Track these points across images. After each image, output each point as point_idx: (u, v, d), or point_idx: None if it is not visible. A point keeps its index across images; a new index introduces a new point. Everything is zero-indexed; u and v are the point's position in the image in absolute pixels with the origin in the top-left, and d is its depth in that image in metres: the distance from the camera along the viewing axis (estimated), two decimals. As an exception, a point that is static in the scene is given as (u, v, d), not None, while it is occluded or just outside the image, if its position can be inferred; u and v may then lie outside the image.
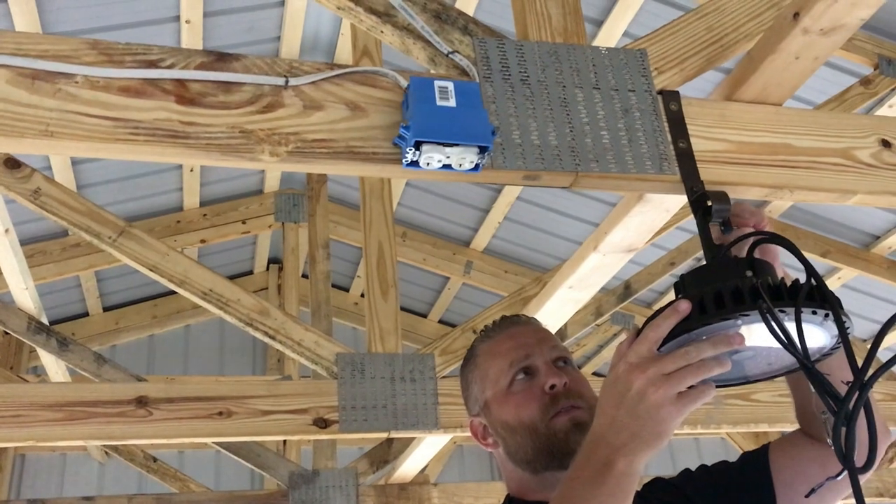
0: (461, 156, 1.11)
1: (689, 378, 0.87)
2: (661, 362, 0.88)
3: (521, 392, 1.13)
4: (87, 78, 1.05)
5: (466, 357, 1.24)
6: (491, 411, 1.16)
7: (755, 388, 2.62)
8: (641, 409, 0.87)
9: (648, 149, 1.22)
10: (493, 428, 1.16)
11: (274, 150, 1.08)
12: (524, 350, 1.16)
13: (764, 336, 0.90)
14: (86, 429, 2.12)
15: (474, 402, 1.20)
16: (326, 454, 3.38)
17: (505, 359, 1.16)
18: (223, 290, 2.32)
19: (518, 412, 1.11)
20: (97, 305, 4.70)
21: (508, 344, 1.17)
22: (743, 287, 0.90)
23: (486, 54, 1.23)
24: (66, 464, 4.64)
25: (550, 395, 1.11)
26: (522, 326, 1.22)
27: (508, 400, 1.13)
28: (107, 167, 3.75)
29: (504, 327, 1.22)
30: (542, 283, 2.66)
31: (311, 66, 1.16)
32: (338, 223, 4.44)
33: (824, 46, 1.25)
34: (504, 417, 1.13)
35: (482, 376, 1.18)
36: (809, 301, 0.90)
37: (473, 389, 1.20)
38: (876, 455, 0.89)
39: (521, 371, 1.14)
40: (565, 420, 1.10)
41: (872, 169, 1.33)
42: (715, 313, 0.90)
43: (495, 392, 1.15)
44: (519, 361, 1.15)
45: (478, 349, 1.22)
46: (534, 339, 1.18)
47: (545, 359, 1.15)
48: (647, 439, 0.87)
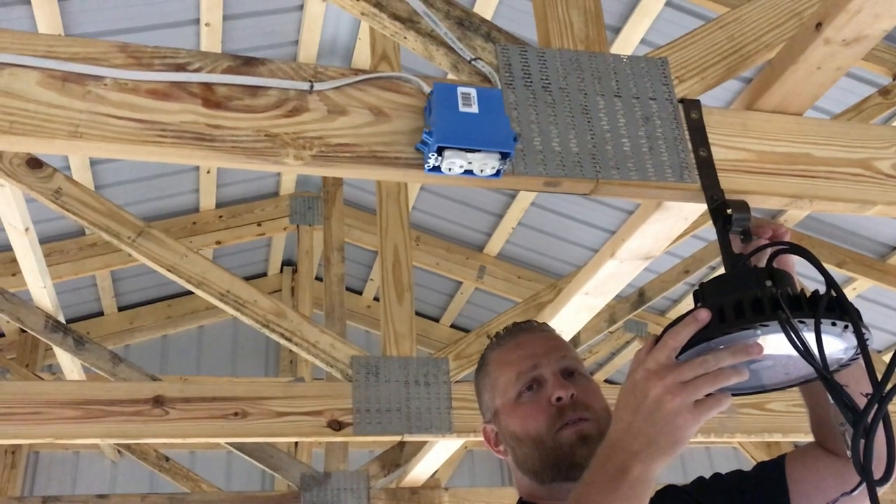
0: (483, 162, 1.12)
1: (707, 386, 0.87)
2: (680, 370, 0.88)
3: (529, 403, 1.13)
4: (115, 80, 1.07)
5: (479, 364, 1.24)
6: (500, 420, 1.16)
7: (769, 398, 2.62)
8: (658, 416, 0.87)
9: (669, 157, 1.23)
10: (503, 437, 1.16)
11: (298, 154, 1.09)
12: (532, 360, 1.15)
13: (782, 346, 0.90)
14: (103, 427, 2.13)
15: (486, 410, 1.20)
16: (338, 456, 3.39)
17: (513, 369, 1.15)
18: (240, 292, 2.33)
19: (525, 424, 1.11)
20: (112, 305, 4.73)
21: (517, 354, 1.17)
22: (763, 297, 0.90)
23: (509, 61, 1.24)
24: (79, 462, 4.67)
25: (557, 408, 1.11)
26: (532, 334, 1.21)
27: (516, 411, 1.13)
28: (124, 168, 3.78)
29: (514, 335, 1.22)
30: (557, 289, 2.66)
31: (335, 71, 1.17)
32: (352, 226, 4.46)
33: (846, 57, 1.26)
34: (512, 428, 1.13)
35: (492, 385, 1.18)
36: (829, 312, 0.90)
37: (485, 397, 1.20)
38: (894, 467, 0.88)
39: (529, 382, 1.14)
40: (571, 433, 1.09)
41: (893, 180, 1.33)
42: (734, 323, 0.90)
43: (504, 402, 1.15)
44: (527, 372, 1.14)
45: (488, 357, 1.22)
46: (543, 349, 1.17)
47: (553, 369, 1.14)
48: (664, 446, 0.88)
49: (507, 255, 4.66)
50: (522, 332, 1.22)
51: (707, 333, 0.92)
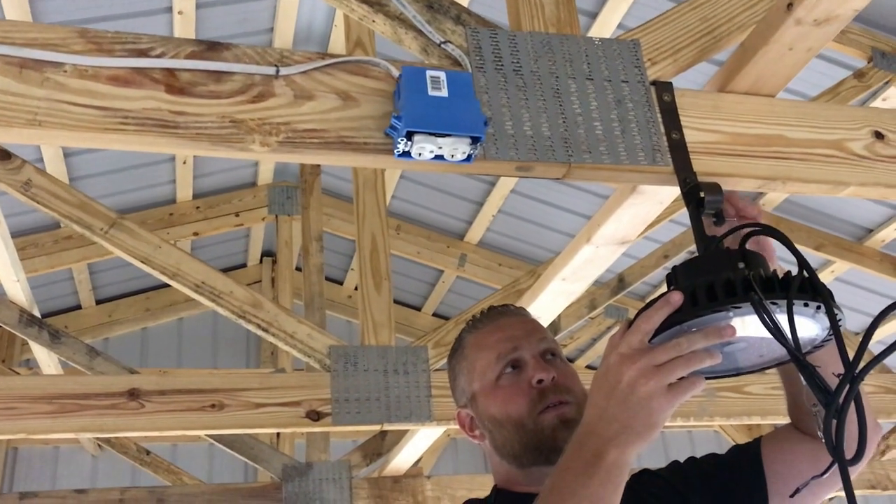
0: (453, 146, 1.11)
1: (680, 369, 0.87)
2: (653, 353, 0.88)
3: (509, 386, 1.11)
4: (75, 67, 1.04)
5: (454, 347, 1.22)
6: (478, 404, 1.14)
7: (748, 381, 2.63)
8: (632, 400, 0.87)
9: (641, 140, 1.22)
10: (480, 420, 1.15)
11: (264, 140, 1.07)
12: (512, 343, 1.14)
13: (756, 328, 0.90)
14: (78, 421, 2.11)
15: (461, 394, 1.19)
16: (320, 447, 3.37)
17: (492, 351, 1.14)
18: (215, 283, 2.31)
19: (505, 406, 1.10)
20: (90, 298, 4.68)
21: (496, 336, 1.16)
22: (735, 279, 0.89)
23: (479, 44, 1.22)
24: (58, 456, 4.63)
25: (538, 390, 1.10)
26: (511, 317, 1.20)
27: (496, 393, 1.12)
28: (99, 159, 3.73)
29: (492, 318, 1.20)
30: (536, 275, 2.66)
31: (302, 55, 1.15)
32: (331, 216, 4.43)
33: (818, 37, 1.25)
34: (491, 411, 1.12)
35: (469, 368, 1.16)
36: (801, 293, 0.89)
37: (461, 381, 1.18)
38: (865, 448, 0.88)
39: (509, 364, 1.13)
40: (553, 416, 1.09)
41: (865, 160, 1.33)
42: (706, 305, 0.89)
43: (482, 385, 1.14)
44: (506, 354, 1.13)
45: (465, 340, 1.20)
46: (522, 332, 1.16)
47: (533, 352, 1.13)
48: (638, 430, 0.87)
49: (488, 243, 4.65)
50: (501, 315, 1.21)
51: (680, 316, 0.91)
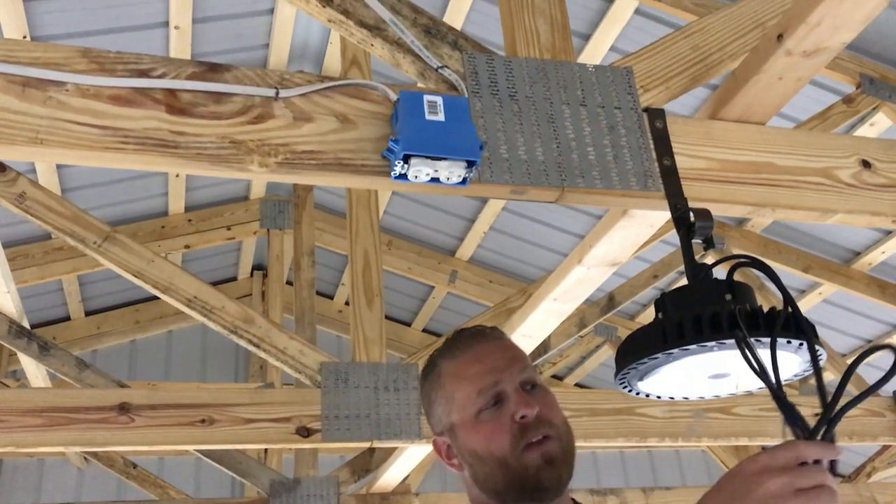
0: (449, 169, 1.12)
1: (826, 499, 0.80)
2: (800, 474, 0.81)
3: (490, 421, 1.07)
4: (77, 86, 1.06)
5: (427, 372, 1.17)
6: (458, 436, 1.10)
7: (736, 402, 2.65)
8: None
9: (633, 165, 1.24)
10: (459, 452, 1.11)
11: (263, 161, 1.09)
12: (493, 376, 1.09)
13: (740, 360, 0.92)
14: (67, 435, 2.10)
15: (438, 422, 1.14)
16: (308, 462, 3.37)
17: (472, 385, 1.10)
18: (208, 298, 2.31)
19: (487, 443, 1.06)
20: (79, 310, 4.66)
21: (476, 368, 1.11)
22: (721, 314, 0.91)
23: (475, 69, 1.25)
24: (44, 469, 4.60)
25: (520, 425, 1.06)
26: (489, 344, 1.15)
27: (477, 429, 1.08)
28: (92, 171, 3.72)
29: (469, 345, 1.15)
30: (527, 294, 2.67)
31: (301, 77, 1.17)
32: (323, 230, 4.44)
33: (807, 68, 1.28)
34: (472, 446, 1.08)
35: (447, 398, 1.12)
36: (785, 331, 0.91)
37: (437, 410, 1.14)
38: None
39: (491, 399, 1.08)
40: (537, 455, 1.05)
41: (852, 188, 1.35)
42: (693, 339, 0.91)
43: (462, 418, 1.10)
44: (488, 389, 1.08)
45: (442, 368, 1.15)
46: (502, 362, 1.11)
47: (514, 385, 1.09)
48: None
49: (479, 260, 4.67)
50: (478, 341, 1.15)
51: (666, 347, 0.93)
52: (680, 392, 1.04)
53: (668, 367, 0.97)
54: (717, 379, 1.00)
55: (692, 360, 0.95)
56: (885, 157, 1.40)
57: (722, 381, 1.01)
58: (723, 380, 1.00)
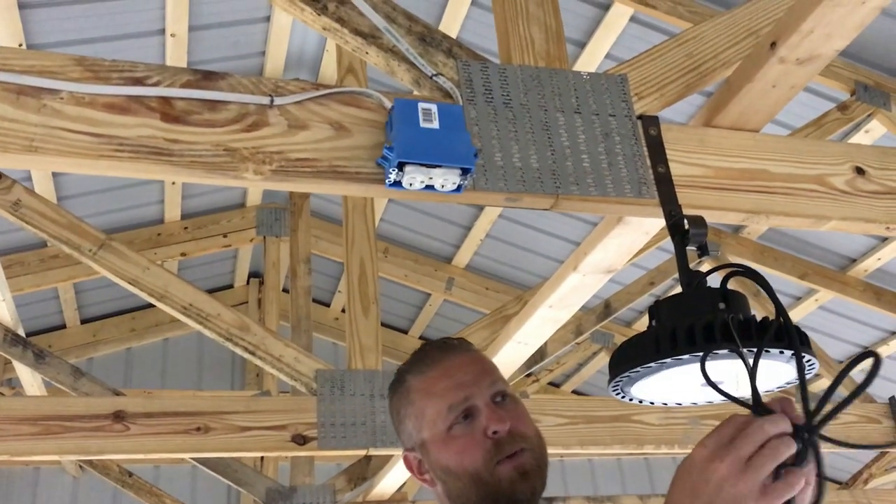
0: (444, 177, 1.13)
1: (770, 462, 0.80)
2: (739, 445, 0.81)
3: (462, 437, 1.06)
4: (72, 94, 1.06)
5: (395, 388, 1.15)
6: (429, 452, 1.08)
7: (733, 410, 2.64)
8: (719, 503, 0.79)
9: (628, 173, 1.24)
10: (431, 468, 1.09)
11: (258, 169, 1.09)
12: (463, 391, 1.07)
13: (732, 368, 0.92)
14: (62, 443, 2.10)
15: (408, 438, 1.12)
16: (304, 470, 3.36)
17: (443, 401, 1.08)
18: (203, 305, 2.31)
19: (460, 458, 1.05)
20: (75, 317, 4.65)
21: (445, 383, 1.09)
22: (715, 324, 0.91)
23: (470, 77, 1.25)
24: (39, 478, 4.58)
25: (493, 441, 1.04)
26: (458, 357, 1.13)
27: (448, 445, 1.06)
28: (87, 179, 3.72)
29: (438, 359, 1.13)
30: (523, 301, 2.67)
31: (296, 85, 1.17)
32: (319, 238, 4.44)
33: (801, 75, 1.28)
34: (444, 462, 1.06)
35: (417, 415, 1.10)
36: (777, 342, 0.91)
37: (407, 426, 1.12)
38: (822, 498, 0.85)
39: (461, 414, 1.07)
40: (510, 469, 1.03)
41: (846, 195, 1.36)
42: (685, 349, 0.91)
43: (433, 434, 1.08)
44: (459, 405, 1.07)
45: (411, 384, 1.13)
46: (471, 376, 1.09)
47: (485, 398, 1.07)
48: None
49: (476, 267, 4.67)
50: (446, 355, 1.13)
51: (659, 357, 0.93)
52: (673, 398, 1.04)
53: (661, 375, 0.98)
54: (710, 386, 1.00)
55: (685, 369, 0.95)
56: (878, 164, 1.40)
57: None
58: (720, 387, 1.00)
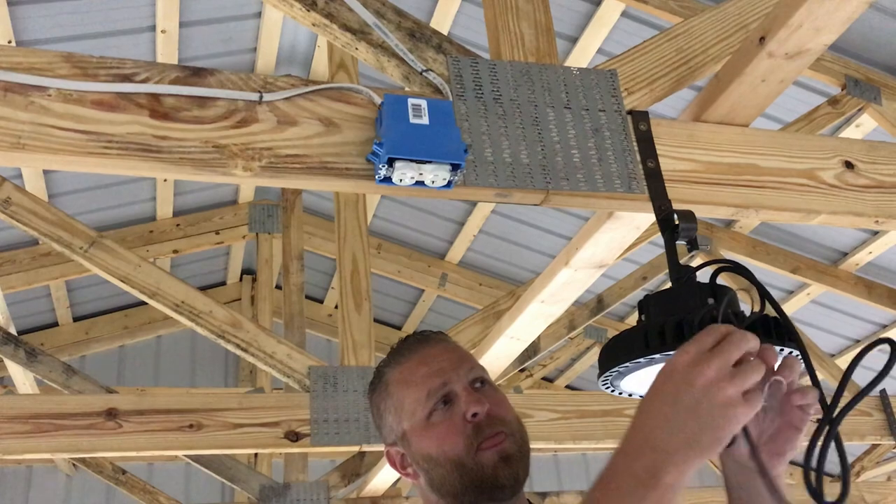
0: (434, 173, 1.13)
1: (758, 370, 0.78)
2: (726, 350, 0.78)
3: (442, 423, 1.05)
4: (60, 91, 1.05)
5: (374, 383, 1.16)
6: (410, 443, 1.08)
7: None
8: (704, 407, 0.75)
9: (618, 168, 1.24)
10: (413, 459, 1.08)
11: (247, 165, 1.09)
12: (440, 377, 1.07)
13: None
14: (54, 441, 2.09)
15: (389, 432, 1.12)
16: (298, 467, 3.36)
17: (421, 388, 1.07)
18: (195, 302, 2.31)
19: (441, 445, 1.04)
20: (67, 315, 4.64)
21: (422, 371, 1.09)
22: (704, 320, 0.91)
23: (460, 73, 1.25)
24: (32, 476, 4.57)
25: (473, 425, 1.04)
26: (434, 347, 1.13)
27: (429, 432, 1.06)
28: (79, 176, 3.71)
29: (414, 349, 1.13)
30: (516, 296, 2.67)
31: (285, 81, 1.17)
32: (312, 234, 4.43)
33: (790, 70, 1.29)
34: (426, 451, 1.06)
35: (397, 406, 1.10)
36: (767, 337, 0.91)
37: (388, 419, 1.12)
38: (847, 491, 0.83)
39: (440, 400, 1.06)
40: (492, 453, 1.03)
41: (836, 189, 1.36)
42: (674, 345, 0.91)
43: (413, 424, 1.07)
44: (437, 391, 1.07)
45: (388, 376, 1.13)
46: (448, 364, 1.09)
47: (463, 383, 1.07)
48: (704, 445, 0.75)
49: (469, 263, 4.67)
50: (422, 346, 1.13)
51: (648, 352, 0.93)
52: None
53: (650, 369, 0.98)
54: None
55: None
56: (867, 158, 1.41)
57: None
58: None
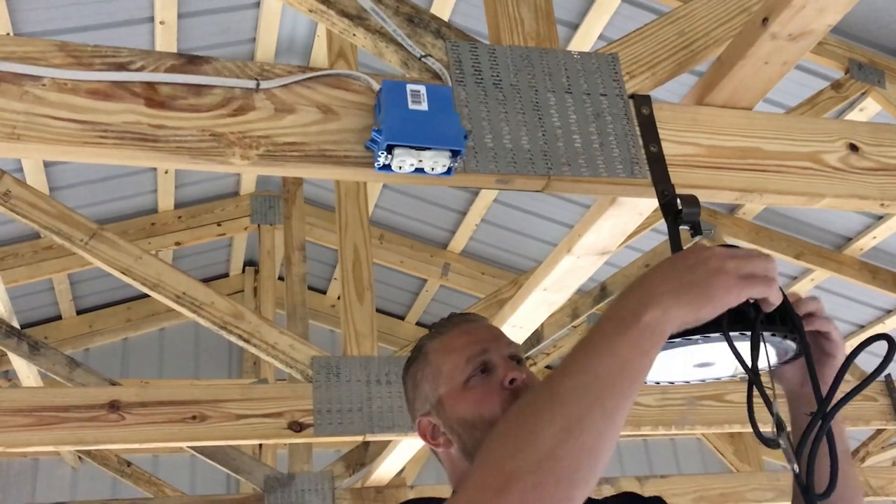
0: (433, 159, 1.11)
1: (761, 263, 0.84)
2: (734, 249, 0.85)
3: (480, 387, 1.09)
4: (54, 80, 1.04)
5: (412, 356, 1.19)
6: (445, 408, 1.11)
7: (728, 389, 2.65)
8: (700, 268, 0.82)
9: (620, 153, 1.23)
10: (446, 425, 1.11)
11: (245, 154, 1.07)
12: (480, 345, 1.12)
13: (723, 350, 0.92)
14: (57, 434, 2.09)
15: (424, 401, 1.15)
16: (302, 457, 3.36)
17: (461, 354, 1.11)
18: (196, 294, 2.30)
19: (478, 408, 1.07)
20: (70, 308, 4.64)
21: (463, 339, 1.13)
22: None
23: (459, 58, 1.23)
24: (38, 469, 4.58)
25: (510, 391, 1.07)
26: (474, 323, 1.19)
27: (466, 396, 1.09)
28: (80, 169, 3.70)
29: (456, 323, 1.18)
30: (518, 285, 2.66)
31: (282, 68, 1.15)
32: (314, 225, 4.42)
33: (793, 52, 1.27)
34: (461, 413, 1.09)
35: (434, 373, 1.13)
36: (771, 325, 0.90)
37: (424, 387, 1.15)
38: (835, 484, 0.86)
39: (479, 367, 1.10)
40: None
41: (840, 173, 1.35)
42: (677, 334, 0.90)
43: (450, 388, 1.11)
44: (476, 356, 1.11)
45: (427, 346, 1.17)
46: (489, 336, 1.14)
47: (502, 354, 1.11)
48: (692, 296, 0.81)
49: (471, 252, 4.66)
50: (464, 321, 1.19)
51: None
52: (665, 377, 1.03)
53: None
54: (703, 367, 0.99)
55: (677, 351, 0.94)
56: (872, 141, 1.39)
57: (707, 369, 1.00)
58: (708, 367, 1.00)
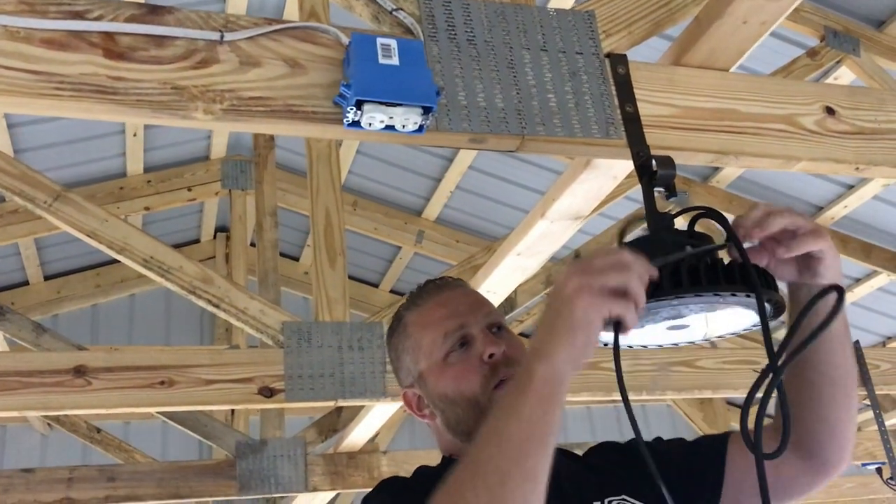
0: (404, 116, 1.08)
1: (615, 274, 0.85)
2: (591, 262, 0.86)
3: (459, 363, 1.08)
4: (6, 28, 0.99)
5: (393, 326, 1.18)
6: (427, 383, 1.11)
7: (699, 355, 2.66)
8: (558, 301, 0.85)
9: (595, 112, 1.21)
10: (430, 399, 1.11)
11: (208, 108, 1.04)
12: (458, 319, 1.10)
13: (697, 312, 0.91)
14: (21, 399, 2.05)
15: (407, 374, 1.14)
16: (274, 423, 3.35)
17: (438, 329, 1.10)
18: (164, 258, 2.26)
19: (457, 384, 1.07)
20: (38, 274, 4.56)
21: (440, 312, 1.11)
22: (682, 268, 0.89)
23: (432, 12, 1.20)
24: (6, 436, 4.53)
25: (490, 365, 1.06)
26: (452, 291, 1.16)
27: (445, 372, 1.08)
28: (46, 131, 3.61)
29: (432, 293, 1.16)
30: (492, 251, 2.65)
31: (248, 20, 1.11)
32: (287, 191, 4.36)
33: (772, 11, 1.25)
34: (442, 390, 1.08)
35: (414, 347, 1.12)
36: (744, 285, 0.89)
37: (405, 360, 1.14)
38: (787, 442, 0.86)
39: (457, 342, 1.09)
40: None
41: (816, 136, 1.34)
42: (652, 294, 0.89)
43: (430, 364, 1.10)
44: (454, 332, 1.09)
45: (406, 318, 1.15)
46: (466, 307, 1.12)
47: (480, 326, 1.10)
48: (561, 334, 0.84)
49: (446, 220, 4.64)
50: (440, 289, 1.16)
51: None
52: (638, 340, 1.02)
53: None
54: (677, 330, 0.98)
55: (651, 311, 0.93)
56: (849, 104, 1.38)
57: (681, 332, 0.99)
58: (682, 331, 0.99)
